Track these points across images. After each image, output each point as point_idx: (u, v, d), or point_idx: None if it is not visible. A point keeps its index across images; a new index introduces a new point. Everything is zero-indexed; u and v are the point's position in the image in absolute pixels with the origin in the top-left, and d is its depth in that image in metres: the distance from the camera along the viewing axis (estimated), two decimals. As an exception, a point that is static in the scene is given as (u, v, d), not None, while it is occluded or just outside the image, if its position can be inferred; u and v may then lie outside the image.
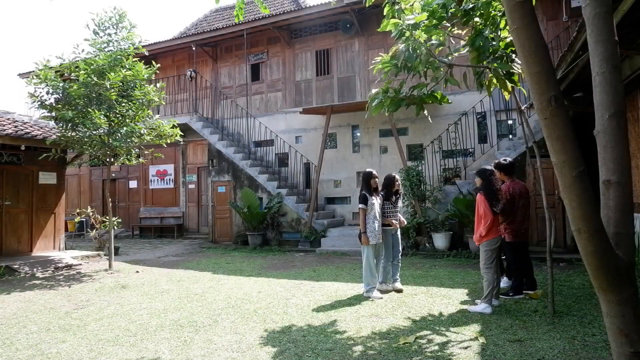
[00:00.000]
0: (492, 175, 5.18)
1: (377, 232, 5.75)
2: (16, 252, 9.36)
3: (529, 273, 5.60)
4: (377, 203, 5.82)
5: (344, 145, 12.24)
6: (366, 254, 5.73)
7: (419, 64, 4.47)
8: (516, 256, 5.52)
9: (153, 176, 15.47)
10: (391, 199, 6.10)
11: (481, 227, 4.96)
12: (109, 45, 8.39)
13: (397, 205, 6.15)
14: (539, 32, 2.16)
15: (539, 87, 2.13)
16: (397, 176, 6.26)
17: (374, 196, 5.83)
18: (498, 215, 5.01)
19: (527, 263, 5.61)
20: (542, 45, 2.14)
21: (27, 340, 4.35)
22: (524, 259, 5.57)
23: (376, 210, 5.78)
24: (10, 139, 8.58)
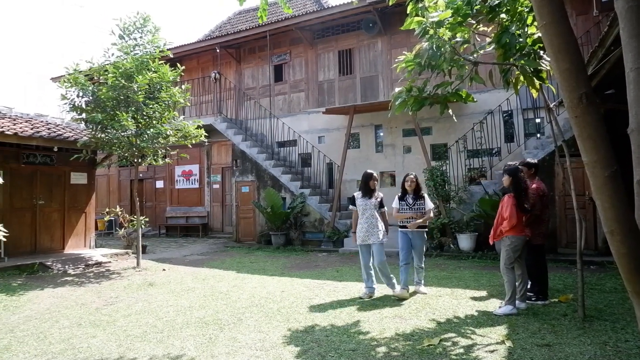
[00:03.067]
0: (521, 173, 5.07)
1: (364, 233, 5.65)
2: (49, 250, 9.70)
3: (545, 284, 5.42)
4: (370, 203, 5.69)
5: (366, 145, 12.19)
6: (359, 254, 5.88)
7: (443, 62, 4.40)
8: (537, 258, 5.36)
9: (179, 176, 15.78)
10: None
11: (502, 227, 4.91)
12: (135, 48, 8.60)
13: (414, 205, 5.77)
14: (569, 27, 2.11)
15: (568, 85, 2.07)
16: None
17: (367, 197, 5.72)
18: (525, 215, 4.91)
19: (545, 267, 5.46)
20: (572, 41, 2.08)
21: (59, 334, 4.50)
22: (543, 262, 5.42)
23: (370, 211, 5.65)
24: (44, 141, 8.91)
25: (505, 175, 5.06)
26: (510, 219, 4.82)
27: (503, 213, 4.94)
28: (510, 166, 5.14)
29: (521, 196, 4.85)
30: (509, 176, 4.97)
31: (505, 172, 5.08)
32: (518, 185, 4.90)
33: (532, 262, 5.35)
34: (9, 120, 9.10)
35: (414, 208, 5.72)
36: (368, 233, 5.66)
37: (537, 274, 5.31)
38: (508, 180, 4.99)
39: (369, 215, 5.67)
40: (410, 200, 5.75)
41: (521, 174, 5.04)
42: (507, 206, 4.89)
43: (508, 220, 4.83)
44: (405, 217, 5.71)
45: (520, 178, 4.96)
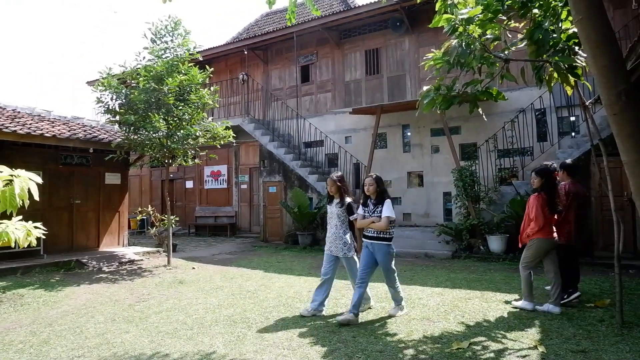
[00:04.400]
0: (554, 174, 5.02)
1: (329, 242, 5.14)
2: (85, 248, 10.06)
3: (575, 281, 5.23)
4: (332, 211, 5.12)
5: (394, 145, 12.08)
6: None
7: (473, 60, 4.31)
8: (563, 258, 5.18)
9: (208, 177, 16.07)
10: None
11: (529, 228, 4.93)
12: (165, 52, 8.81)
13: (374, 211, 4.83)
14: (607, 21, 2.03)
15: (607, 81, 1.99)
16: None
17: (329, 203, 5.22)
18: (552, 217, 4.88)
19: (576, 269, 5.27)
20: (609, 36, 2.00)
21: (95, 329, 4.66)
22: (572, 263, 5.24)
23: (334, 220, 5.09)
24: (81, 142, 9.25)
25: (536, 176, 5.02)
26: (536, 220, 4.83)
27: (529, 214, 4.94)
28: (541, 167, 5.11)
29: (551, 198, 4.84)
30: (540, 177, 4.95)
31: (536, 173, 5.05)
32: (550, 187, 4.90)
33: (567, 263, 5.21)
34: (48, 123, 9.49)
35: (375, 215, 4.82)
36: (331, 244, 5.09)
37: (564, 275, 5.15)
38: (539, 181, 4.97)
39: (333, 224, 5.08)
40: (371, 206, 4.89)
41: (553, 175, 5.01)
42: (533, 207, 4.89)
43: (535, 221, 4.85)
44: (364, 224, 4.89)
45: (552, 179, 4.94)
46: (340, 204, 5.07)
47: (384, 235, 4.77)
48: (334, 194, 5.11)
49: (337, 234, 5.04)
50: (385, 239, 4.79)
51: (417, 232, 10.46)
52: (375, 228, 4.75)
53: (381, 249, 4.79)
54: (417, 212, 11.56)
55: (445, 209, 11.21)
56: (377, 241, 4.78)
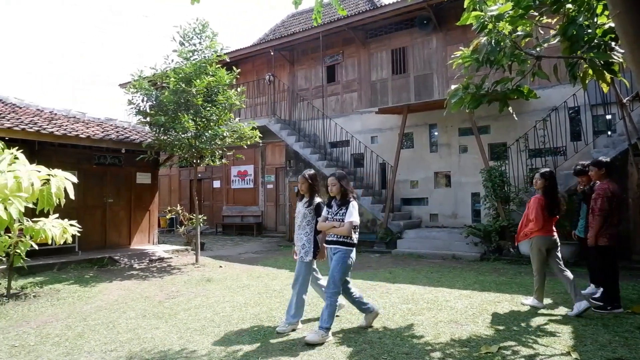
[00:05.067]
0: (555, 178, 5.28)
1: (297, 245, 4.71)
2: (117, 245, 10.38)
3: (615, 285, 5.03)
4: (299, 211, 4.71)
5: (421, 145, 11.93)
6: None
7: (503, 57, 4.20)
8: (608, 262, 4.98)
9: (234, 176, 16.30)
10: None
11: (527, 228, 5.15)
12: (194, 54, 8.99)
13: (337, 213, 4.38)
14: (646, 15, 1.94)
15: (646, 77, 1.91)
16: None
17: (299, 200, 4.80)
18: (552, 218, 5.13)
19: (617, 272, 5.06)
20: (649, 30, 1.92)
21: (126, 324, 4.80)
22: (615, 267, 5.03)
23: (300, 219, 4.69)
24: (113, 143, 9.54)
25: (540, 178, 5.17)
26: (536, 221, 5.03)
27: (529, 214, 5.13)
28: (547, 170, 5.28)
29: (552, 201, 5.07)
30: (544, 179, 5.13)
31: (541, 175, 5.20)
32: (550, 190, 5.13)
33: (600, 266, 5.02)
34: (83, 125, 9.83)
35: (337, 217, 4.34)
36: (297, 246, 4.67)
37: (605, 279, 4.96)
38: (542, 183, 5.14)
39: (298, 224, 4.66)
40: (335, 207, 4.41)
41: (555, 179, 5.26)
42: (533, 208, 5.08)
43: (534, 222, 5.05)
44: (324, 228, 4.44)
45: (555, 183, 5.20)
46: (308, 204, 4.65)
47: (344, 239, 4.30)
48: (305, 192, 4.70)
49: (299, 235, 4.64)
50: (346, 243, 4.31)
51: (444, 233, 10.30)
52: (337, 233, 4.31)
53: (339, 254, 4.30)
54: (444, 212, 11.38)
55: (473, 209, 10.99)
56: (336, 245, 4.32)
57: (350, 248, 4.35)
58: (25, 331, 4.60)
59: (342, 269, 4.28)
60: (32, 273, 7.55)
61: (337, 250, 4.34)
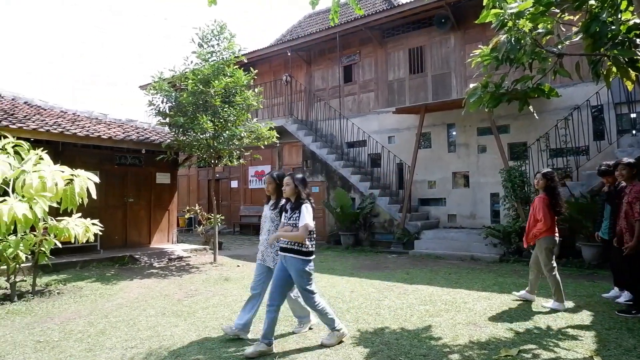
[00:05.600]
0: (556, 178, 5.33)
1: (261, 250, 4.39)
2: (137, 244, 10.56)
3: None
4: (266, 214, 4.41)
5: (438, 145, 11.82)
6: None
7: (523, 55, 4.13)
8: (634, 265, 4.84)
9: (252, 176, 16.41)
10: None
11: (535, 229, 5.18)
12: (212, 55, 9.09)
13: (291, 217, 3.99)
14: (673, 10, 1.88)
15: (672, 74, 1.85)
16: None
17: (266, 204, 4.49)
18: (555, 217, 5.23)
19: None
20: (677, 26, 1.86)
21: (146, 322, 4.88)
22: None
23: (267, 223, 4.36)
24: (134, 144, 9.72)
25: (542, 178, 5.24)
26: (545, 221, 5.09)
27: (536, 215, 5.19)
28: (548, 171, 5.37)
29: (555, 200, 5.15)
30: (546, 179, 5.21)
31: (543, 175, 5.26)
32: (552, 189, 5.20)
33: (628, 269, 4.88)
34: (105, 126, 10.04)
35: (290, 222, 3.96)
36: (263, 252, 4.35)
37: (634, 282, 4.82)
38: (544, 183, 5.22)
39: (266, 228, 4.34)
40: (289, 211, 4.03)
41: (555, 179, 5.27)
42: (540, 207, 5.15)
43: (543, 222, 5.10)
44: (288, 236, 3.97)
45: (556, 182, 5.26)
46: (274, 206, 4.31)
47: (298, 247, 3.89)
48: (271, 194, 4.36)
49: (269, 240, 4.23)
50: (300, 252, 3.89)
51: (462, 233, 10.18)
52: (289, 238, 3.90)
53: (294, 264, 3.90)
54: (462, 213, 11.25)
55: (492, 210, 10.83)
56: (290, 254, 3.90)
57: (306, 258, 3.91)
58: (49, 327, 4.72)
59: (305, 278, 3.92)
60: (56, 271, 7.74)
61: (291, 259, 3.90)
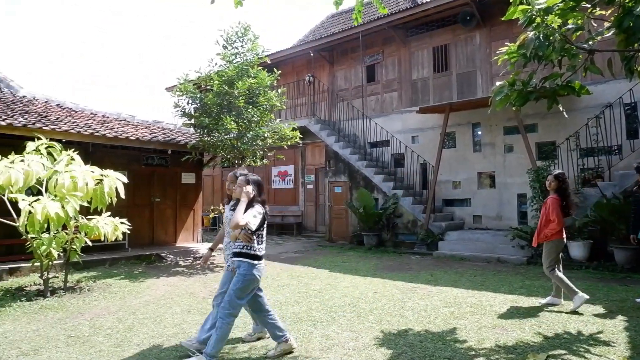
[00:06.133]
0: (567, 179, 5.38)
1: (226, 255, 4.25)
2: (164, 243, 10.79)
3: None
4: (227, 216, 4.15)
5: (463, 145, 11.62)
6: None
7: (552, 52, 4.01)
8: None
9: (275, 177, 16.52)
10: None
11: (548, 229, 5.19)
12: (236, 57, 9.20)
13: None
14: None
15: None
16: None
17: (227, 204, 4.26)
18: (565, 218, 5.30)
19: None
20: None
21: (172, 319, 4.98)
22: None
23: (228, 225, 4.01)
24: (160, 144, 9.93)
25: (554, 180, 5.27)
26: (559, 221, 5.14)
27: (549, 215, 5.18)
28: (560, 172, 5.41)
29: (567, 200, 5.23)
30: (558, 181, 5.25)
31: (555, 176, 5.30)
32: (564, 190, 5.26)
33: None
34: (132, 127, 10.30)
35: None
36: (226, 258, 4.17)
37: None
38: (556, 184, 5.27)
39: (228, 231, 4.08)
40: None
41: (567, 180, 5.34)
42: (553, 208, 5.17)
43: (557, 223, 5.14)
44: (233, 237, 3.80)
45: (567, 184, 5.32)
46: (234, 206, 3.92)
47: (246, 250, 3.67)
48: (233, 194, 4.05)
49: (230, 244, 3.99)
50: (249, 255, 3.67)
51: (488, 235, 9.97)
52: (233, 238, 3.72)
53: (240, 267, 3.67)
54: (488, 214, 11.02)
55: (519, 211, 10.57)
56: (239, 258, 3.69)
57: (253, 262, 3.68)
58: (80, 322, 4.87)
59: (243, 284, 3.63)
60: (86, 268, 7.99)
61: (238, 264, 3.70)
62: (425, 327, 4.53)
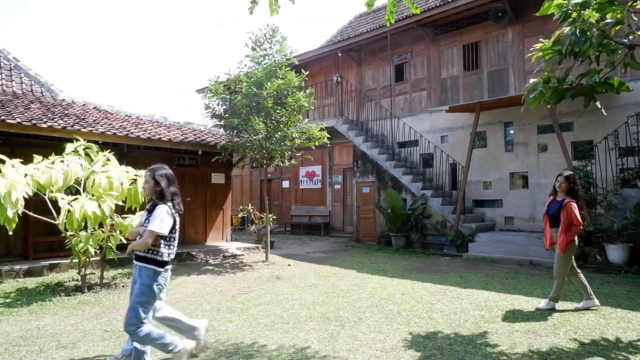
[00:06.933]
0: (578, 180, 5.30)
1: None
2: (194, 241, 11.02)
3: None
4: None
5: (494, 144, 11.35)
6: None
7: (590, 48, 3.87)
8: None
9: (303, 177, 16.60)
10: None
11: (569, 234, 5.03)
12: (265, 58, 9.30)
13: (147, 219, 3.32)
14: None
15: None
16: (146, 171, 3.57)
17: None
18: None
19: None
20: None
21: (202, 316, 5.07)
22: None
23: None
24: (191, 145, 10.15)
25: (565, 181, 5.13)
26: (579, 225, 5.03)
27: (572, 218, 5.01)
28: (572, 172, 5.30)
29: (579, 202, 5.11)
30: (569, 182, 5.12)
31: (565, 177, 5.15)
32: (575, 191, 5.14)
33: None
34: (165, 129, 10.57)
35: (145, 225, 3.29)
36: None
37: None
38: (567, 185, 5.13)
39: None
40: (146, 214, 3.40)
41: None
42: (571, 211, 5.00)
43: (578, 226, 5.03)
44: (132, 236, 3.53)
45: (578, 185, 5.21)
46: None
47: (149, 254, 3.25)
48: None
49: None
50: (152, 260, 3.25)
51: (521, 237, 9.70)
52: (135, 247, 3.25)
53: (143, 273, 3.25)
54: (520, 215, 10.72)
55: (554, 213, 10.23)
56: (138, 262, 3.29)
57: (156, 268, 3.25)
58: (115, 317, 5.04)
59: (147, 292, 3.21)
60: (121, 265, 8.25)
61: (139, 269, 3.28)
62: (455, 330, 4.45)
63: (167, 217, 3.24)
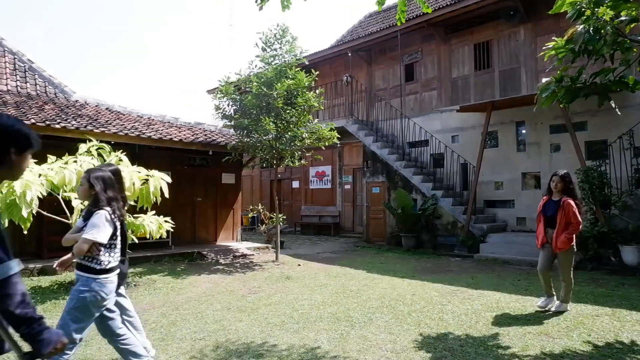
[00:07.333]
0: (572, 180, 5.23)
1: None
2: (205, 241, 11.09)
3: None
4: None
5: (506, 144, 11.24)
6: None
7: (604, 46, 3.81)
8: None
9: (313, 177, 16.61)
10: None
11: (567, 232, 4.95)
12: (275, 59, 9.32)
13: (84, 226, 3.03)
14: None
15: None
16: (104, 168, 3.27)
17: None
18: None
19: None
20: None
21: (213, 315, 5.11)
22: None
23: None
24: (202, 146, 10.22)
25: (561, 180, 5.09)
26: (579, 223, 4.97)
27: (571, 218, 4.95)
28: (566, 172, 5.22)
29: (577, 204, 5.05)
30: (564, 181, 5.07)
31: (561, 177, 5.11)
32: (571, 190, 5.11)
33: None
34: (176, 129, 10.65)
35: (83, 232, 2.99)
36: None
37: None
38: (562, 185, 5.08)
39: None
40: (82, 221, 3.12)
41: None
42: (573, 212, 4.94)
43: (578, 224, 4.96)
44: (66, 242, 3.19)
45: (573, 184, 5.16)
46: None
47: (85, 261, 2.96)
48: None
49: None
50: (86, 268, 2.95)
51: (533, 238, 9.53)
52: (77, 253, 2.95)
53: (77, 280, 2.99)
54: (533, 216, 10.53)
55: (567, 213, 10.09)
56: (78, 270, 3.00)
57: (95, 277, 2.93)
58: (127, 316, 5.09)
59: (78, 306, 2.89)
60: (132, 264, 8.33)
61: (78, 277, 2.99)
62: (466, 331, 4.42)
63: (105, 224, 2.93)
